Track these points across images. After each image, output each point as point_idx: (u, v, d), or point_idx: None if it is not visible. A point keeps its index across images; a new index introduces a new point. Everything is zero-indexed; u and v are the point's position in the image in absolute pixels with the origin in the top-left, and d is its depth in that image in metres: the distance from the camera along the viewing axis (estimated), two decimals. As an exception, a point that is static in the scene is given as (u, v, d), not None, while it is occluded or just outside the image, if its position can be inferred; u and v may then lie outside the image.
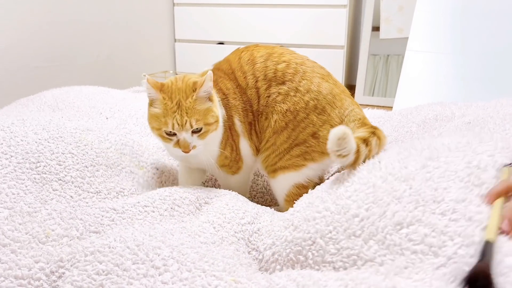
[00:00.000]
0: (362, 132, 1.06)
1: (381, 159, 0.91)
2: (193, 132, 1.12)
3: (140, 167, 1.30)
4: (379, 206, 0.79)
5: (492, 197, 0.75)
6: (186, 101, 1.11)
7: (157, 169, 1.35)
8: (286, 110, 1.16)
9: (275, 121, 1.17)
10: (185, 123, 1.10)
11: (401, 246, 0.73)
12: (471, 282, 0.63)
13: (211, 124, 1.14)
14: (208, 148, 1.18)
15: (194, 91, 1.12)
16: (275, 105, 1.18)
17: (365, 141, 1.02)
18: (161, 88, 1.13)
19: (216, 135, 1.18)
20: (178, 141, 1.13)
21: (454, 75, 2.16)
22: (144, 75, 1.16)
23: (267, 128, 1.20)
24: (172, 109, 1.10)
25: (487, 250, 0.66)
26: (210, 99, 1.14)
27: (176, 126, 1.10)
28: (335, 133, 0.94)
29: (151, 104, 1.14)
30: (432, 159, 0.85)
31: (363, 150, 0.99)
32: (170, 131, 1.11)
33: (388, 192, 0.80)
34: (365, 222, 0.78)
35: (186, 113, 1.10)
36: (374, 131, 1.06)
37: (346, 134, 0.93)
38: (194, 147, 1.13)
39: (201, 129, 1.13)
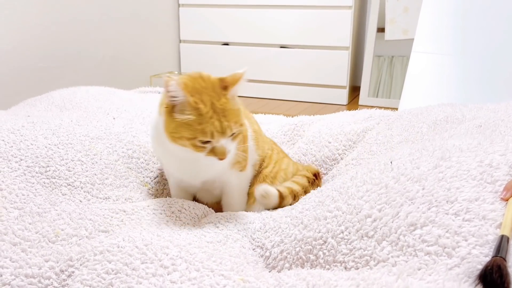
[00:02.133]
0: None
1: (393, 159, 0.91)
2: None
3: (145, 183, 1.29)
4: (392, 207, 0.79)
5: (509, 190, 0.75)
6: (219, 102, 0.97)
7: (159, 183, 1.33)
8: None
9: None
10: (226, 129, 0.97)
11: (414, 247, 0.72)
12: (486, 276, 0.63)
13: (243, 124, 1.03)
14: None
15: (224, 89, 0.99)
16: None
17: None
18: (190, 90, 0.98)
19: None
20: (213, 148, 0.99)
21: (460, 77, 2.15)
22: (169, 76, 0.97)
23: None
24: (208, 114, 0.96)
25: (502, 244, 0.66)
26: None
27: (215, 133, 0.96)
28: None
29: (173, 110, 0.98)
30: (444, 159, 0.84)
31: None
32: (209, 140, 0.97)
33: (401, 192, 0.80)
34: (378, 223, 0.78)
35: (224, 116, 0.97)
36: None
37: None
38: (228, 152, 1.00)
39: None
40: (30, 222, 0.94)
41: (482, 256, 0.67)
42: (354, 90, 3.50)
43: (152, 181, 1.30)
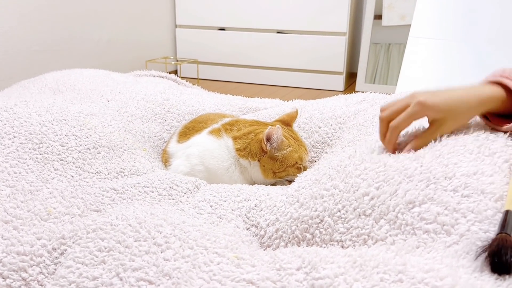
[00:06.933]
0: None
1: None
2: None
3: (143, 148, 1.28)
4: (390, 184, 0.77)
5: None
6: (294, 134, 1.28)
7: (158, 154, 1.34)
8: None
9: None
10: (307, 150, 1.27)
11: (413, 226, 0.71)
12: (493, 253, 0.60)
13: None
14: None
15: (288, 125, 1.31)
16: None
17: None
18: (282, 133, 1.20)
19: None
20: (300, 167, 1.24)
21: (457, 62, 2.14)
22: (271, 128, 1.17)
23: None
24: (296, 144, 1.23)
25: (507, 220, 0.64)
26: None
27: (305, 156, 1.24)
28: None
29: (273, 152, 1.19)
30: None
31: None
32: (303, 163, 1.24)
33: (400, 170, 0.79)
34: (376, 201, 0.77)
35: (301, 142, 1.26)
36: None
37: None
38: None
39: None
40: (22, 200, 0.93)
41: (482, 232, 0.66)
42: (351, 77, 3.49)
43: (149, 149, 1.33)
